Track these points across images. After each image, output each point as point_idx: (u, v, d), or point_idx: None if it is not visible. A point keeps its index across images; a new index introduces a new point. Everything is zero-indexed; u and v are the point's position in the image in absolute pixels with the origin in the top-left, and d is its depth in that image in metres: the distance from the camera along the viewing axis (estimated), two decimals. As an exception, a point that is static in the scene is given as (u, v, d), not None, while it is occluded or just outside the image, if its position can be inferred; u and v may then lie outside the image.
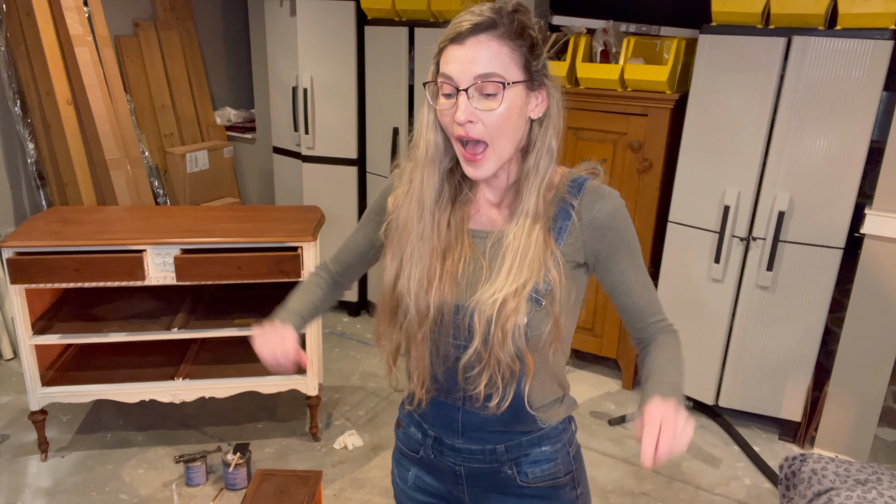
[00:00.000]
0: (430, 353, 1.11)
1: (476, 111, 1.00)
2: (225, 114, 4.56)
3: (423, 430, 1.21)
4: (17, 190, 3.70)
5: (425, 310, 1.08)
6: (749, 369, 2.78)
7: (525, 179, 1.06)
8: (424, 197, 1.09)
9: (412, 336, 1.11)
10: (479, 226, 1.12)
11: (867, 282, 2.49)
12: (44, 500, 2.41)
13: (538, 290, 1.04)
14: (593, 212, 1.08)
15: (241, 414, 2.91)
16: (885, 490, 1.73)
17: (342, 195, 3.68)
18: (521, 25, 1.01)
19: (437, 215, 1.09)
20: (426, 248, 1.08)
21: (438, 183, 1.09)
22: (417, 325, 1.09)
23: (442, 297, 1.08)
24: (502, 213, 1.11)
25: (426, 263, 1.08)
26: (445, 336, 1.10)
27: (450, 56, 1.00)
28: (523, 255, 1.04)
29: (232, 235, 2.42)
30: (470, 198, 1.13)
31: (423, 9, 3.16)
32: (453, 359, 1.10)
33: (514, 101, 1.01)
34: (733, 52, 2.51)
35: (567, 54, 2.92)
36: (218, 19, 4.60)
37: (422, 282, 1.08)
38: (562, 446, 1.18)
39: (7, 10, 3.41)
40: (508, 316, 1.02)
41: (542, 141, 1.06)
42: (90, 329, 2.51)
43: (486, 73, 0.98)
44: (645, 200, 2.90)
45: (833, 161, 2.43)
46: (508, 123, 1.02)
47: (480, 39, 0.99)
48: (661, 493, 2.52)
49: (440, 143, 1.08)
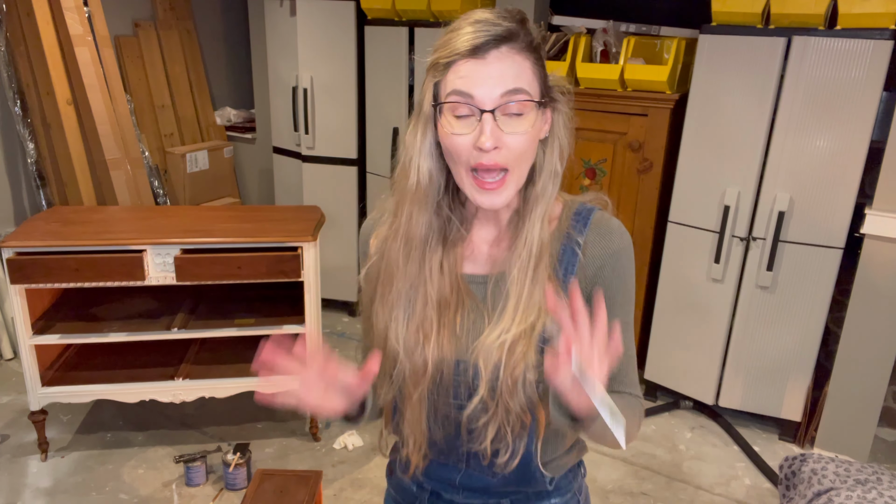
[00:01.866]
0: (428, 416, 0.99)
1: (502, 135, 0.87)
2: (225, 114, 4.56)
3: (418, 483, 1.09)
4: (17, 190, 3.70)
5: (422, 367, 0.95)
6: (749, 369, 2.78)
7: (527, 208, 0.95)
8: (413, 236, 0.95)
9: (406, 396, 0.98)
10: (476, 269, 0.99)
11: (867, 282, 2.49)
12: (44, 500, 2.41)
13: (546, 337, 0.92)
14: (599, 249, 0.97)
15: (241, 414, 2.91)
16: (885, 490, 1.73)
17: (342, 195, 3.68)
18: (535, 37, 0.91)
19: (429, 257, 0.96)
20: (418, 297, 0.96)
21: (429, 219, 0.96)
22: (413, 385, 0.96)
23: (441, 353, 0.95)
24: (501, 251, 0.98)
25: (420, 314, 0.96)
26: (445, 396, 0.98)
27: (465, 71, 0.87)
28: (529, 293, 0.92)
29: (232, 235, 2.42)
30: (462, 236, 0.99)
31: (423, 9, 3.16)
32: (454, 421, 0.98)
33: (538, 123, 0.91)
34: (733, 52, 2.51)
35: (567, 54, 2.92)
36: (218, 19, 4.60)
37: (417, 335, 0.95)
38: (571, 496, 1.08)
39: (7, 10, 3.41)
40: (518, 361, 0.91)
41: (548, 164, 0.95)
42: (90, 329, 2.51)
43: (514, 89, 0.87)
44: (645, 200, 2.90)
45: (833, 161, 2.43)
46: (532, 146, 0.91)
47: (504, 52, 0.87)
48: (661, 493, 2.52)
49: (435, 174, 0.95)
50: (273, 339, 0.91)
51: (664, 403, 3.05)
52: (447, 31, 0.91)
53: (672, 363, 2.95)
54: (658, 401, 3.08)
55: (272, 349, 0.90)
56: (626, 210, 2.92)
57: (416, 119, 0.95)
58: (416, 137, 0.94)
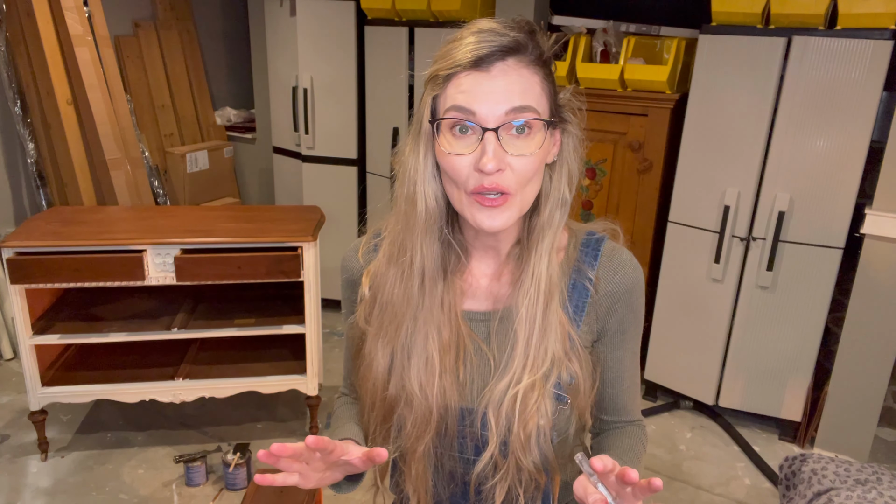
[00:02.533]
0: (434, 471, 0.91)
1: (506, 156, 0.79)
2: (225, 114, 4.57)
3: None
4: (17, 190, 3.70)
5: (427, 416, 0.86)
6: (749, 369, 2.78)
7: (532, 239, 0.86)
8: (425, 268, 0.86)
9: (409, 450, 0.89)
10: (477, 305, 0.90)
11: (867, 282, 2.49)
12: (44, 500, 2.41)
13: (561, 385, 0.85)
14: (613, 286, 0.89)
15: (241, 414, 2.91)
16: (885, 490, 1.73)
17: (342, 195, 3.68)
18: (545, 50, 0.83)
19: (430, 289, 0.86)
20: (419, 336, 0.86)
21: (436, 250, 0.87)
22: (416, 437, 0.88)
23: (444, 399, 0.86)
24: (502, 286, 0.90)
25: (422, 356, 0.86)
26: (449, 450, 0.90)
27: (467, 85, 0.78)
28: (540, 336, 0.84)
29: (232, 235, 2.42)
30: (463, 266, 0.91)
31: (423, 9, 3.16)
32: (461, 479, 0.90)
33: (545, 143, 0.82)
34: (733, 52, 2.51)
35: (567, 54, 2.92)
36: (218, 19, 4.60)
37: (419, 380, 0.86)
38: None
39: (7, 10, 3.41)
40: (531, 414, 0.82)
41: (555, 190, 0.86)
42: (90, 329, 2.51)
43: (521, 106, 0.78)
44: (645, 200, 2.90)
45: (833, 161, 2.43)
46: (539, 170, 0.83)
47: (510, 65, 0.78)
48: (662, 493, 2.52)
49: (440, 197, 0.85)
50: (273, 449, 0.78)
51: (664, 403, 3.05)
52: (448, 42, 0.82)
53: (672, 363, 2.95)
54: (658, 401, 3.08)
55: (273, 458, 0.79)
56: (626, 210, 2.92)
57: (414, 137, 0.85)
58: (419, 159, 0.84)
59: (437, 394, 0.86)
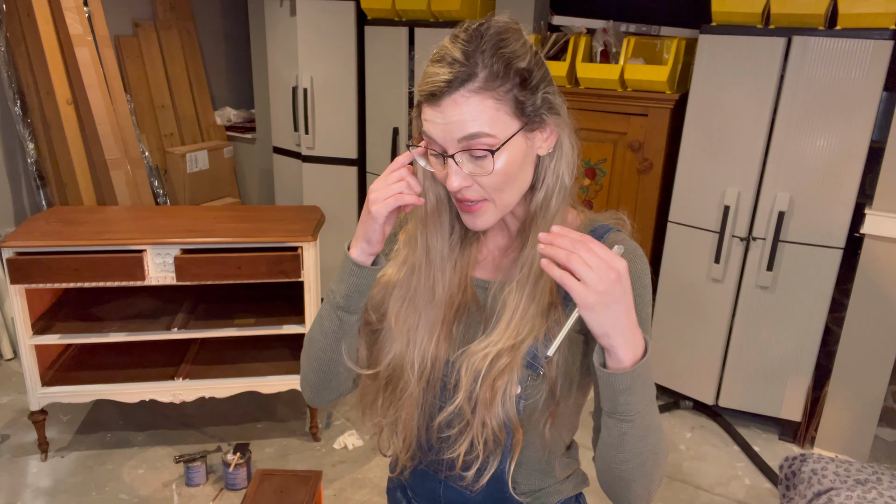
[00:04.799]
0: (419, 413, 0.99)
1: (469, 176, 0.87)
2: (225, 114, 4.57)
3: (407, 498, 1.11)
4: (17, 190, 3.70)
5: (421, 367, 0.96)
6: (749, 369, 2.78)
7: (532, 220, 0.93)
8: (432, 249, 0.97)
9: (403, 395, 0.99)
10: (485, 274, 0.99)
11: (867, 282, 2.50)
12: (44, 500, 2.41)
13: (536, 356, 0.90)
14: None
15: (241, 414, 2.91)
16: (885, 490, 1.73)
17: (342, 195, 3.68)
18: (506, 61, 0.84)
19: (446, 255, 0.97)
20: (432, 306, 0.97)
21: (449, 223, 0.97)
22: (406, 385, 0.98)
23: (436, 351, 0.96)
24: (508, 261, 0.98)
25: (431, 320, 0.97)
26: (432, 396, 0.98)
27: (428, 115, 0.86)
28: (524, 309, 0.91)
29: (232, 235, 2.42)
30: (478, 238, 1.00)
31: (423, 9, 3.16)
32: (437, 420, 0.99)
33: (514, 154, 0.87)
34: (733, 52, 2.51)
35: (567, 54, 2.92)
36: (218, 19, 4.60)
37: (426, 338, 0.96)
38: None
39: (7, 10, 3.41)
40: (500, 372, 0.89)
41: (553, 176, 0.92)
42: (90, 329, 2.51)
43: (471, 135, 0.84)
44: (645, 200, 2.90)
45: (833, 161, 2.43)
46: (508, 179, 0.88)
47: (457, 98, 0.83)
48: (662, 492, 2.52)
49: (443, 196, 0.96)
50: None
51: (664, 403, 3.05)
52: (428, 60, 0.89)
53: (672, 363, 2.95)
54: (658, 401, 3.09)
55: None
56: (625, 210, 2.92)
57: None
58: (420, 164, 0.93)
59: (431, 347, 0.96)
